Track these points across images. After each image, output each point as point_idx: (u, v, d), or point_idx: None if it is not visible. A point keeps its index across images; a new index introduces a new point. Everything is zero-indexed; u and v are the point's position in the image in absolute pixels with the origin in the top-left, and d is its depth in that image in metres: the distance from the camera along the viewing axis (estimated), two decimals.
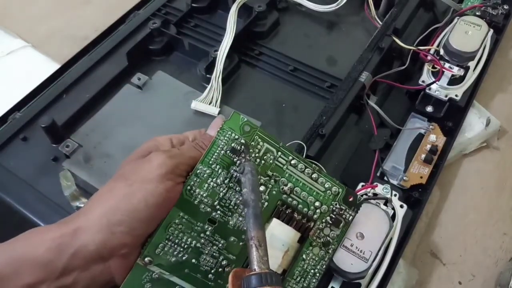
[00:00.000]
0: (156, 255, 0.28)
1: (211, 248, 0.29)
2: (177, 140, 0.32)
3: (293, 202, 0.31)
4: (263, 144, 0.31)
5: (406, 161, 0.44)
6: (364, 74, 0.46)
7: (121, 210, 0.26)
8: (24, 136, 0.44)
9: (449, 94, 0.47)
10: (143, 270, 0.28)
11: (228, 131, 0.30)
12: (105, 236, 0.25)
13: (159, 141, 0.31)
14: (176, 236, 0.29)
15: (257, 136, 0.31)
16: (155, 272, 0.28)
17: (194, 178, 0.29)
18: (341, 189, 0.33)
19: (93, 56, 0.50)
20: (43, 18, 0.62)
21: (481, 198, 0.46)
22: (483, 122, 0.49)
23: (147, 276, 0.28)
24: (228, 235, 0.30)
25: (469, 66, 0.48)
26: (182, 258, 0.29)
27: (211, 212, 0.29)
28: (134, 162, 0.29)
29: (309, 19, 0.56)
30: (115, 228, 0.25)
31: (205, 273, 0.29)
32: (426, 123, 0.47)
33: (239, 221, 0.30)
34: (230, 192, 0.30)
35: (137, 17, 0.54)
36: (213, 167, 0.29)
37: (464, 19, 0.50)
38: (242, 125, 0.30)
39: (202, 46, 0.50)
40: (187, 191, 0.29)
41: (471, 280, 0.41)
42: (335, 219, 0.32)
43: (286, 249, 0.31)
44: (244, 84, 0.49)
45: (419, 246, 0.43)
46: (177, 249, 0.29)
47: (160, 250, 0.28)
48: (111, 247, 0.25)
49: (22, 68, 0.57)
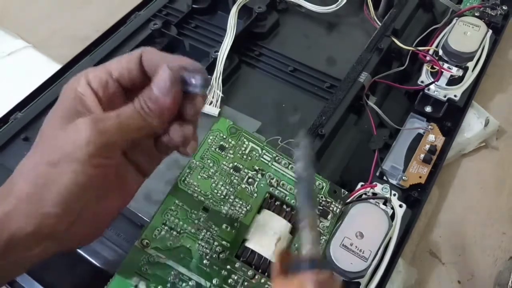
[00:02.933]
0: (153, 238, 0.30)
1: (205, 234, 0.32)
2: (113, 88, 0.26)
3: (281, 194, 0.34)
4: (248, 143, 0.36)
5: (405, 161, 0.44)
6: (364, 75, 0.47)
7: (49, 193, 0.23)
8: (26, 136, 0.44)
9: (448, 94, 0.47)
10: (141, 252, 0.30)
11: (217, 132, 0.35)
12: (39, 217, 0.23)
13: (86, 94, 0.25)
14: (172, 222, 0.31)
15: (243, 137, 0.36)
16: (152, 254, 0.30)
17: (188, 170, 0.33)
18: (325, 183, 0.36)
19: (94, 56, 0.50)
20: (44, 19, 0.62)
21: (480, 198, 0.46)
22: (482, 122, 0.49)
23: (144, 258, 0.30)
24: (221, 222, 0.32)
25: (468, 67, 0.49)
26: (178, 243, 0.31)
27: (204, 201, 0.33)
28: (58, 128, 0.24)
29: (309, 20, 0.56)
30: (47, 210, 0.23)
31: (200, 258, 0.31)
32: (425, 123, 0.47)
33: (230, 210, 0.33)
34: (220, 183, 0.34)
35: (138, 18, 0.54)
36: (204, 161, 0.34)
37: (463, 19, 0.50)
38: (228, 127, 0.36)
39: (202, 47, 0.51)
40: (181, 181, 0.33)
41: (470, 280, 0.42)
42: (323, 210, 0.35)
43: (278, 236, 0.32)
44: (244, 85, 0.50)
45: (418, 246, 0.43)
46: (173, 233, 0.31)
47: (157, 234, 0.30)
48: (47, 226, 0.24)
49: (23, 68, 0.57)
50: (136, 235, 0.31)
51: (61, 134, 0.24)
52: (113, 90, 0.26)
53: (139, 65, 0.26)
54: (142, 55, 0.26)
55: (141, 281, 0.29)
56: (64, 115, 0.25)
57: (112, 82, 0.26)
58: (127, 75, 0.26)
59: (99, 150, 0.24)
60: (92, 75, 0.26)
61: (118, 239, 0.36)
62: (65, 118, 0.25)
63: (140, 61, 0.26)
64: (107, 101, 0.26)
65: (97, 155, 0.24)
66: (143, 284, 0.29)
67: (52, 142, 0.24)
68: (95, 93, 0.25)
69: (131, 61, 0.26)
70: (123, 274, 0.29)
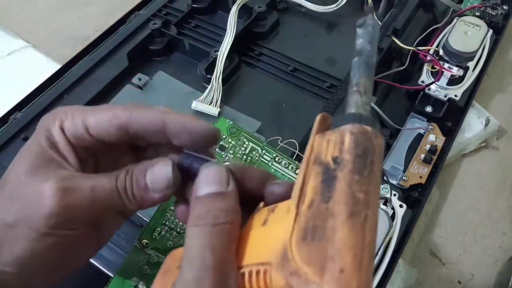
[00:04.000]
0: (152, 239, 0.30)
1: None
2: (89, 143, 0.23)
3: None
4: (249, 143, 0.35)
5: (406, 161, 0.44)
6: None
7: (3, 254, 0.21)
8: (25, 136, 0.44)
9: (448, 94, 0.47)
10: (141, 252, 0.30)
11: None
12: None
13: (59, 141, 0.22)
14: (172, 222, 0.31)
15: (243, 136, 0.35)
16: (152, 255, 0.30)
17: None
18: None
19: (94, 56, 0.50)
20: (44, 19, 0.62)
21: (480, 198, 0.46)
22: (483, 122, 0.49)
23: (143, 259, 0.30)
24: None
25: (469, 66, 0.49)
26: (178, 243, 0.31)
27: None
28: (22, 181, 0.22)
29: (309, 19, 0.56)
30: (1, 268, 0.21)
31: None
32: (426, 123, 0.47)
33: None
34: None
35: (137, 17, 0.54)
36: None
37: (464, 19, 0.50)
38: (228, 127, 0.35)
39: (202, 46, 0.51)
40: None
41: (471, 280, 0.42)
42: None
43: None
44: (244, 84, 0.50)
45: (418, 246, 0.43)
46: (172, 233, 0.31)
47: (157, 234, 0.30)
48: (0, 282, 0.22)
49: (23, 68, 0.57)
50: (136, 235, 0.31)
51: (24, 191, 0.21)
52: (89, 143, 0.23)
53: (122, 131, 0.23)
54: (129, 120, 0.23)
55: (141, 281, 0.29)
56: (32, 162, 0.22)
57: (88, 136, 0.23)
58: (106, 137, 0.23)
59: (61, 224, 0.21)
60: (68, 124, 0.23)
61: (117, 240, 0.36)
62: (33, 167, 0.22)
63: (124, 127, 0.23)
64: (82, 149, 0.23)
65: (60, 228, 0.21)
66: (143, 284, 0.29)
67: (12, 199, 0.22)
68: (69, 142, 0.23)
69: (112, 125, 0.23)
70: (123, 275, 0.29)
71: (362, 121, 0.18)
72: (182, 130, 0.22)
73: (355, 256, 0.16)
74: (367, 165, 0.18)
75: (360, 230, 0.16)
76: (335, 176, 0.17)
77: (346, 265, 0.16)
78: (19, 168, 0.22)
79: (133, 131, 0.23)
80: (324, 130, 0.20)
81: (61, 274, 0.24)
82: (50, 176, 0.21)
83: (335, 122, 0.19)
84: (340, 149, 0.18)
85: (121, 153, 0.25)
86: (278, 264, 0.17)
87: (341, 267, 0.16)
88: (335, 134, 0.19)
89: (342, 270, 0.16)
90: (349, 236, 0.16)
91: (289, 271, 0.17)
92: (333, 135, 0.19)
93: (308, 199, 0.18)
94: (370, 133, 0.18)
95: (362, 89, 0.19)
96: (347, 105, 0.19)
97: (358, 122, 0.18)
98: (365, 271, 0.16)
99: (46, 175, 0.21)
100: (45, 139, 0.23)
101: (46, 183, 0.21)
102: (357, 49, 0.21)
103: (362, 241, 0.16)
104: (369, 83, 0.20)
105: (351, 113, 0.19)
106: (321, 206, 0.17)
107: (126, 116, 0.22)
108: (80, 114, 0.23)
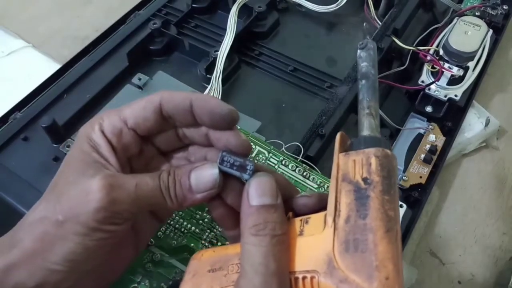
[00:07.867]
0: (157, 237, 0.31)
1: (209, 234, 0.32)
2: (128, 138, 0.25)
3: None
4: (255, 146, 0.35)
5: (406, 161, 0.44)
6: None
7: (55, 252, 0.23)
8: (25, 136, 0.44)
9: (448, 94, 0.47)
10: (145, 250, 0.30)
11: None
12: (43, 273, 0.23)
13: (100, 144, 0.24)
14: (177, 221, 0.31)
15: (250, 140, 0.35)
16: (156, 253, 0.30)
17: None
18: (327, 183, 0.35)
19: (93, 56, 0.50)
20: (44, 19, 0.62)
21: (480, 197, 0.46)
22: (483, 122, 0.49)
23: (147, 257, 0.30)
24: None
25: (469, 66, 0.49)
26: (182, 242, 0.31)
27: None
28: (71, 182, 0.23)
29: (309, 19, 0.56)
30: (53, 267, 0.23)
31: None
32: (426, 123, 0.47)
33: None
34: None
35: (137, 17, 0.54)
36: None
37: (464, 19, 0.50)
38: None
39: (202, 46, 0.50)
40: None
41: (471, 280, 0.42)
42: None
43: None
44: (244, 84, 0.50)
45: (418, 246, 0.43)
46: (177, 233, 0.31)
47: (161, 233, 0.31)
48: (50, 282, 0.23)
49: (23, 68, 0.57)
50: None
51: (72, 191, 0.23)
52: (127, 139, 0.25)
53: (157, 113, 0.25)
54: (161, 101, 0.25)
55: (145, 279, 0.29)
56: (78, 166, 0.24)
57: (127, 130, 0.25)
58: (143, 124, 0.25)
59: (109, 218, 0.23)
60: (107, 123, 0.25)
61: None
62: (79, 169, 0.23)
63: (158, 109, 0.25)
64: (122, 149, 0.25)
65: (107, 223, 0.23)
66: (147, 282, 0.29)
67: (62, 198, 0.23)
68: (110, 142, 0.24)
69: (147, 109, 0.25)
70: (127, 272, 0.29)
71: (381, 144, 0.22)
72: (204, 109, 0.24)
73: (395, 265, 0.19)
74: (392, 185, 0.21)
75: (395, 243, 0.20)
76: (368, 195, 0.20)
77: (390, 273, 0.19)
78: (66, 171, 0.24)
79: (166, 113, 0.25)
80: (345, 148, 0.23)
81: (107, 278, 0.26)
82: (96, 174, 0.23)
83: (357, 144, 0.22)
84: (368, 171, 0.21)
85: (152, 156, 0.27)
86: (325, 272, 0.20)
87: (386, 275, 0.19)
88: (360, 156, 0.21)
89: (388, 277, 0.19)
90: (388, 249, 0.19)
91: (338, 279, 0.20)
92: (357, 156, 0.22)
93: (344, 214, 0.21)
94: (390, 156, 0.22)
95: (374, 112, 0.23)
96: (362, 126, 0.23)
97: (379, 145, 0.21)
98: (402, 276, 0.20)
99: (93, 174, 0.23)
100: (87, 145, 0.24)
101: (93, 180, 0.22)
102: (362, 72, 0.24)
103: (397, 252, 0.20)
104: (377, 105, 0.23)
105: (371, 136, 0.22)
106: (359, 222, 0.20)
107: (159, 97, 0.24)
108: (115, 112, 0.25)
